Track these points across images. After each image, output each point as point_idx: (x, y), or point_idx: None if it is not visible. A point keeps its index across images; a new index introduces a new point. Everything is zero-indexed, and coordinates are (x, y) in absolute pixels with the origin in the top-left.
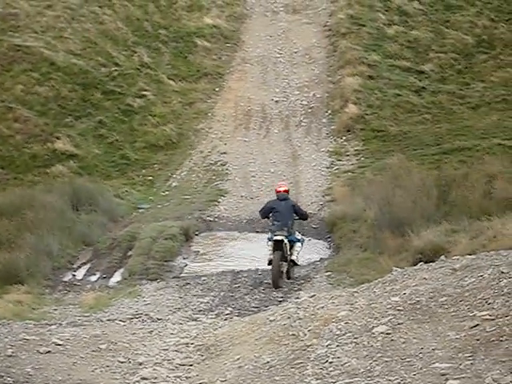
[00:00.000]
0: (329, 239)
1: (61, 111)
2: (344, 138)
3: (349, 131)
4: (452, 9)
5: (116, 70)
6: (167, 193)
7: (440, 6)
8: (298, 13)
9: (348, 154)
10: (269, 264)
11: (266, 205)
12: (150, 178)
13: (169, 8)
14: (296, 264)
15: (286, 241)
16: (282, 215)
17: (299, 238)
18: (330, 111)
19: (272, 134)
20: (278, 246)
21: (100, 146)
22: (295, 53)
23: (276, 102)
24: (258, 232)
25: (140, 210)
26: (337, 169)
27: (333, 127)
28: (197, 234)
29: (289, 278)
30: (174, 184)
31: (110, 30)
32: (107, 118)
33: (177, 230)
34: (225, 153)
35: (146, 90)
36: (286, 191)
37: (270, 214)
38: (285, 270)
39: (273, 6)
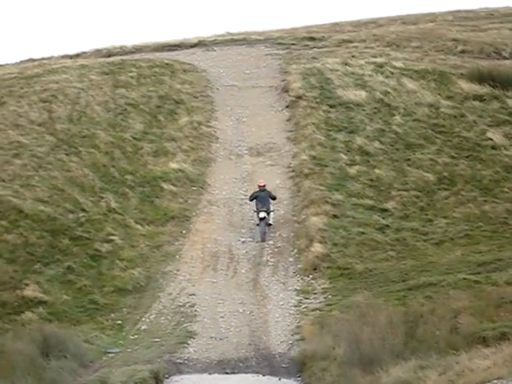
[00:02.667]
0: (299, 378)
1: (29, 258)
2: (311, 276)
3: (315, 269)
4: (412, 147)
5: (83, 216)
6: (136, 336)
7: (400, 145)
8: (262, 155)
9: (315, 292)
10: (257, 225)
11: (253, 194)
12: (119, 321)
13: (135, 154)
14: (270, 225)
15: (267, 216)
16: (263, 200)
17: (272, 209)
18: (296, 250)
19: (240, 275)
20: (262, 219)
21: (69, 292)
22: None
23: (243, 242)
24: (227, 373)
25: (110, 355)
26: (305, 307)
27: (299, 266)
28: (167, 377)
29: (265, 234)
30: (143, 327)
31: (76, 176)
32: (75, 264)
33: (147, 374)
34: (193, 294)
35: (113, 235)
36: (264, 185)
37: (255, 200)
38: (267, 230)
39: (237, 150)
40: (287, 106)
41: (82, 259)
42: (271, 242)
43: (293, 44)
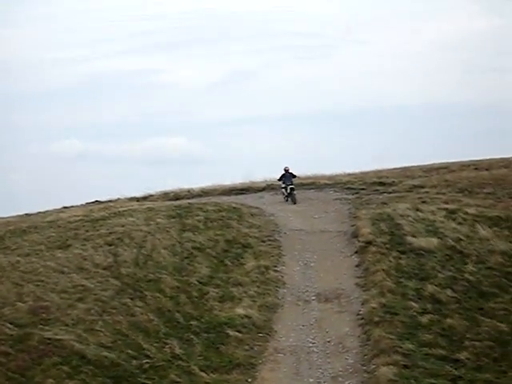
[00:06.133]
0: None
1: None
2: None
3: None
4: (486, 296)
5: (147, 363)
6: None
7: (473, 294)
8: (330, 302)
9: None
10: (286, 196)
11: (281, 176)
12: None
13: (200, 299)
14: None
15: (292, 189)
16: (288, 179)
17: (293, 185)
18: None
19: None
20: (291, 190)
21: None
22: (328, 342)
23: None
24: None
25: None
26: None
27: None
28: None
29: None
30: None
31: (141, 321)
32: None
33: None
34: None
35: (177, 382)
36: (289, 169)
37: (283, 179)
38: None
39: (305, 295)
40: (356, 252)
41: None
42: None
43: (362, 189)
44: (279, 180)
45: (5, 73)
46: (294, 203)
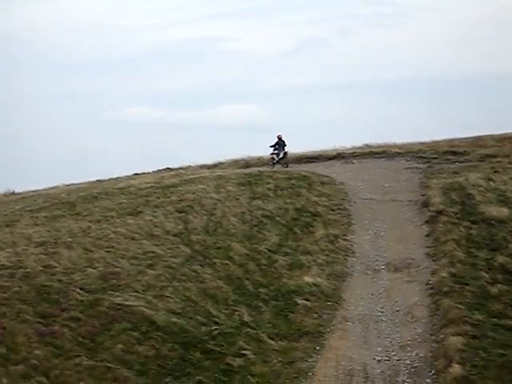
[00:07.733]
0: None
1: (160, 371)
2: None
3: None
4: None
5: (216, 329)
6: None
7: None
8: (400, 271)
9: None
10: (277, 162)
11: (275, 143)
12: None
13: (269, 267)
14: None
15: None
16: (280, 146)
17: (286, 151)
18: (433, 371)
19: None
20: (285, 154)
21: None
22: (397, 311)
23: (378, 361)
24: None
25: None
26: None
27: None
28: None
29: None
30: None
31: (210, 288)
32: (207, 378)
33: None
34: None
35: (245, 349)
36: (281, 136)
37: (276, 146)
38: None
39: (374, 265)
40: (427, 221)
41: (213, 373)
42: (408, 362)
43: (434, 158)
44: (272, 147)
45: (75, 39)
46: (287, 166)
